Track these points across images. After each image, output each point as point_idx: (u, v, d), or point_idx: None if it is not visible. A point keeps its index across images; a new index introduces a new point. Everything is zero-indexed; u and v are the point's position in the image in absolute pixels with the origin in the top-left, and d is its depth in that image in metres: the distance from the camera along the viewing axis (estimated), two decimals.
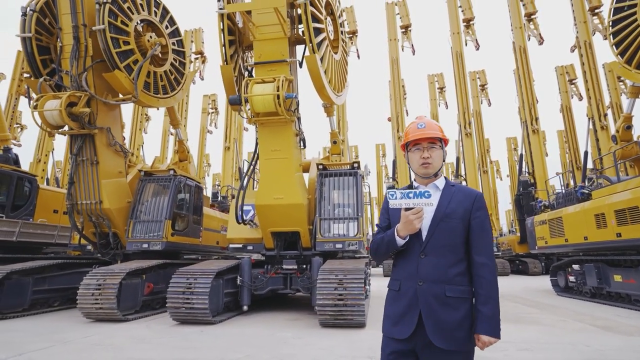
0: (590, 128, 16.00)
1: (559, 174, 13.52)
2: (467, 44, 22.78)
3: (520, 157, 21.26)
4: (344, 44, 9.78)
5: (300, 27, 8.00)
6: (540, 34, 21.17)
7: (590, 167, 15.09)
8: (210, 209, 12.75)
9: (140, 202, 9.14)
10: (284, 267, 7.83)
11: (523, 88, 19.97)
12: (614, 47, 9.46)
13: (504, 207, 39.39)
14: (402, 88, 23.32)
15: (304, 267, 7.84)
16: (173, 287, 6.75)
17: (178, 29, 10.68)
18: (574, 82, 25.36)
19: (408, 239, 1.74)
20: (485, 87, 29.94)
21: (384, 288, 1.89)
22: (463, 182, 20.25)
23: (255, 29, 7.44)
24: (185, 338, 5.66)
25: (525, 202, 18.98)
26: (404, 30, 23.65)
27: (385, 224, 1.91)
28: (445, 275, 1.68)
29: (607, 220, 8.04)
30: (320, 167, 8.51)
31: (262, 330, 6.18)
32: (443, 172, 1.94)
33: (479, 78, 29.40)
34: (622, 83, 19.13)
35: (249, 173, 8.44)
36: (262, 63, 7.52)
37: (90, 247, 9.23)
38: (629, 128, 10.03)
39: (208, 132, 27.49)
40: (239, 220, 8.04)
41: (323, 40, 7.79)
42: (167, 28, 10.14)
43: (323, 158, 10.95)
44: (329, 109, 10.90)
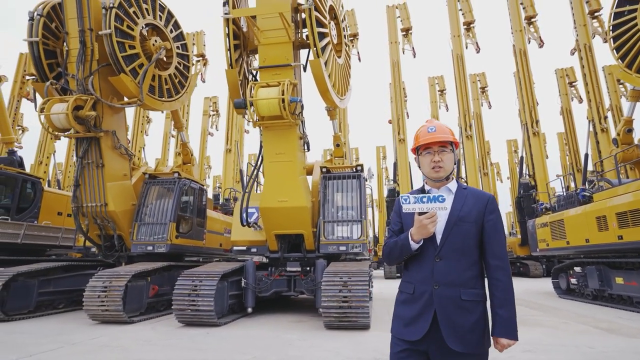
0: (591, 130, 16.04)
1: (560, 177, 13.59)
2: (467, 47, 22.90)
3: (521, 159, 21.28)
4: (347, 48, 9.86)
5: (305, 31, 8.08)
6: (540, 37, 21.27)
7: (591, 169, 15.16)
8: (214, 212, 12.80)
9: (145, 204, 9.20)
10: (288, 269, 7.87)
11: (523, 90, 20.09)
12: (615, 51, 9.54)
13: (505, 209, 39.37)
14: (402, 90, 23.37)
15: (308, 269, 7.88)
16: (179, 289, 6.79)
17: (182, 33, 10.77)
18: (574, 84, 25.44)
19: (422, 243, 1.74)
20: (486, 89, 30.04)
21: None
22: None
23: (260, 34, 7.51)
24: (192, 340, 5.71)
25: (526, 204, 19.06)
26: (405, 33, 23.72)
27: (398, 227, 1.90)
28: (460, 279, 1.69)
29: (608, 223, 8.09)
30: (324, 170, 8.58)
31: (267, 332, 6.22)
32: (454, 174, 1.94)
33: (480, 80, 29.50)
34: (621, 86, 19.20)
35: (253, 176, 8.51)
36: (266, 67, 7.57)
37: (95, 249, 9.28)
38: (630, 131, 10.10)
39: (209, 134, 27.58)
40: (243, 223, 8.10)
41: (327, 45, 7.87)
42: (171, 32, 10.24)
43: (326, 161, 11.01)
44: (332, 112, 10.94)
